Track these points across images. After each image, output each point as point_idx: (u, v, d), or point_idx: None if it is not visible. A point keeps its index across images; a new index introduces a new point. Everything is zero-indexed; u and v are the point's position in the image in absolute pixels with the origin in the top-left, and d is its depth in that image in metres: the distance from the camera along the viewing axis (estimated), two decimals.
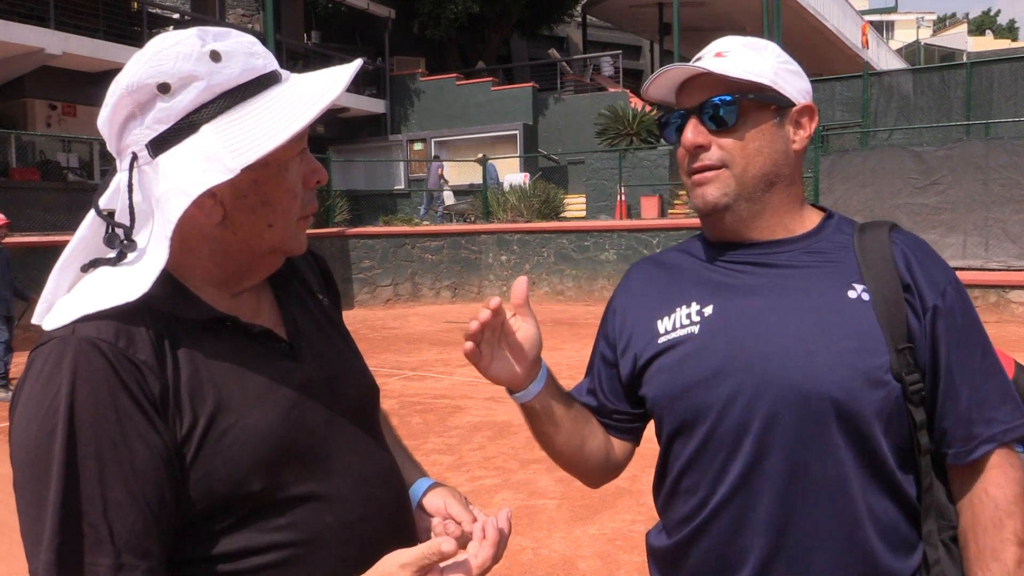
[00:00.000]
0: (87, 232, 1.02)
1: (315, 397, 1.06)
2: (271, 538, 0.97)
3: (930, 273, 1.20)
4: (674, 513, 1.26)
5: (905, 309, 1.16)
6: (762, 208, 1.23)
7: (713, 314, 1.22)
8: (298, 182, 1.03)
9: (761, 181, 1.22)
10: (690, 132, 1.22)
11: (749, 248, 1.25)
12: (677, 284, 1.30)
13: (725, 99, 1.20)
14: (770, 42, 1.27)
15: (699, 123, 1.22)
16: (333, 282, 1.29)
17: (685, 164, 1.26)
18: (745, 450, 1.16)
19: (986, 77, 17.12)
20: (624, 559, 4.05)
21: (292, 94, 0.98)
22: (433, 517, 1.18)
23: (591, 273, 15.60)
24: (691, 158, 1.24)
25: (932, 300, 1.17)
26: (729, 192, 1.22)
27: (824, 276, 1.20)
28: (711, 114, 1.21)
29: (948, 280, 1.20)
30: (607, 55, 26.27)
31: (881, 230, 1.23)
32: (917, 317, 1.16)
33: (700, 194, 1.24)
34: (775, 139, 1.22)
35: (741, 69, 1.20)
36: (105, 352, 0.91)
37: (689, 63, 1.24)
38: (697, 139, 1.22)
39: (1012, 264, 12.42)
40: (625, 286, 1.39)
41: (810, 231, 1.26)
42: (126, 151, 0.98)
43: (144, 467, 0.90)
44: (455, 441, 6.34)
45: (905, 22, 57.17)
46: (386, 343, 11.51)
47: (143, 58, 0.96)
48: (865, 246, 1.21)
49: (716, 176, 1.22)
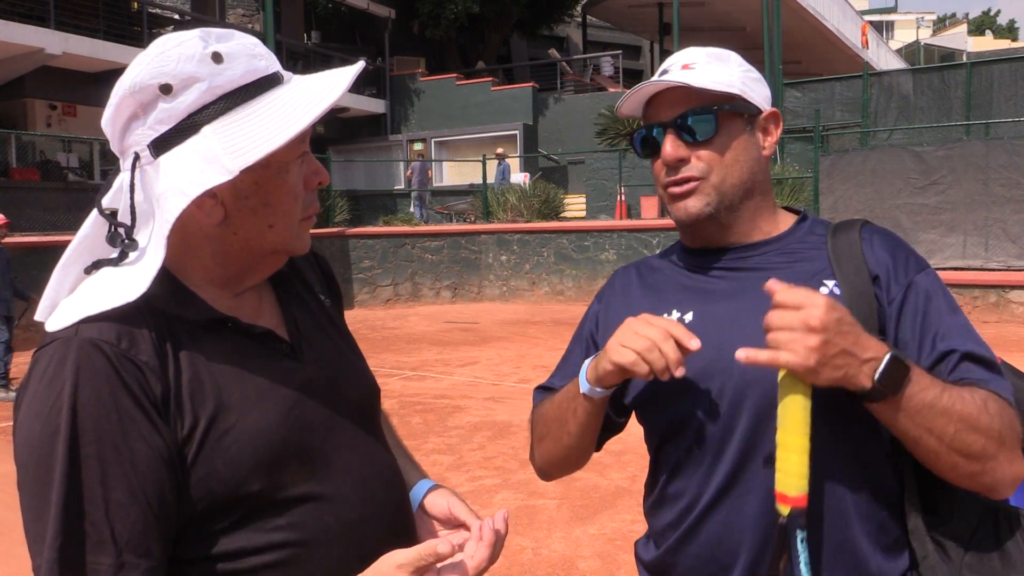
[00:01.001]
0: (90, 231, 1.03)
1: (316, 397, 1.06)
2: (271, 538, 0.98)
3: (898, 263, 1.21)
4: (663, 518, 1.28)
5: (874, 302, 1.18)
6: (741, 214, 1.27)
7: (693, 320, 1.24)
8: (299, 183, 1.04)
9: (740, 189, 1.25)
10: (669, 146, 1.24)
11: (726, 253, 1.29)
12: (658, 292, 1.33)
13: (703, 111, 1.22)
14: (730, 51, 1.30)
15: (676, 137, 1.24)
16: (335, 283, 1.29)
17: (662, 177, 1.28)
18: (732, 451, 1.18)
19: (986, 77, 17.12)
20: (624, 559, 4.05)
21: (293, 96, 0.98)
22: (435, 519, 1.18)
23: (591, 273, 15.60)
24: (669, 171, 1.26)
25: (899, 288, 1.19)
26: (711, 202, 1.24)
27: (797, 275, 1.22)
28: (688, 127, 1.23)
29: (918, 269, 1.22)
30: (607, 55, 26.28)
31: (853, 228, 1.26)
32: (884, 306, 1.18)
33: (683, 207, 1.26)
34: (749, 147, 1.26)
35: (712, 80, 1.22)
36: (107, 353, 0.91)
37: (659, 78, 1.26)
38: (678, 153, 1.24)
39: (1012, 264, 12.42)
40: (608, 293, 1.42)
41: (783, 232, 1.29)
42: (129, 151, 0.99)
43: (145, 467, 0.91)
44: (455, 441, 6.34)
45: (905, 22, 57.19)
46: (386, 343, 11.52)
47: (146, 59, 0.96)
48: (837, 244, 1.24)
49: (696, 187, 1.24)
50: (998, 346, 10.11)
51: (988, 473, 1.07)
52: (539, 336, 11.93)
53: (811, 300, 1.03)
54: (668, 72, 1.26)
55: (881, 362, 1.03)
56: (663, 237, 14.89)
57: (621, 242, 15.52)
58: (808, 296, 1.04)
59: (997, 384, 1.12)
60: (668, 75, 1.25)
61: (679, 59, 1.28)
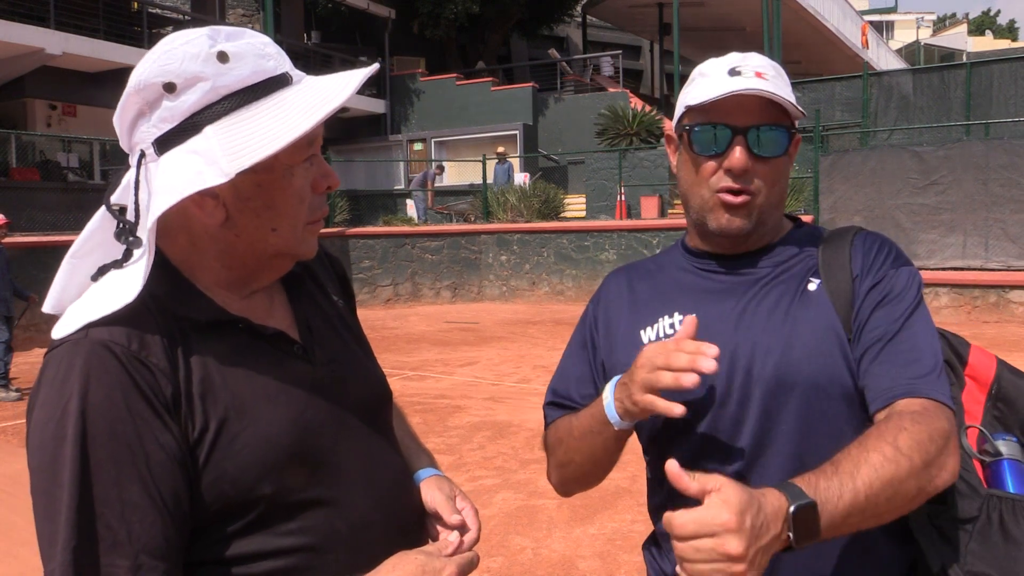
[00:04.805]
0: (98, 225, 1.03)
1: (327, 400, 1.05)
2: (281, 542, 0.97)
3: (878, 259, 1.23)
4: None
5: (851, 297, 1.20)
6: (764, 228, 1.28)
7: (698, 320, 1.24)
8: (306, 186, 1.02)
9: (775, 209, 1.27)
10: (740, 154, 1.19)
11: (726, 256, 1.30)
12: (658, 294, 1.33)
13: (780, 128, 1.21)
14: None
15: (748, 146, 1.19)
16: (349, 284, 1.29)
17: (713, 180, 1.23)
18: (743, 445, 1.19)
19: (986, 77, 17.12)
20: (624, 559, 4.05)
21: (298, 98, 0.97)
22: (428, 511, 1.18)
23: (591, 273, 15.60)
24: (730, 177, 1.21)
25: (872, 279, 1.21)
26: (753, 220, 1.24)
27: (791, 276, 1.25)
28: (762, 141, 1.20)
29: (897, 264, 1.23)
30: (607, 55, 26.27)
31: (847, 234, 1.28)
32: (858, 298, 1.20)
33: (728, 219, 1.23)
34: (788, 168, 1.27)
35: (789, 97, 1.20)
36: (118, 355, 0.91)
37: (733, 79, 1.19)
38: (746, 163, 1.19)
39: (1012, 264, 12.42)
40: (603, 297, 1.42)
41: (782, 238, 1.32)
42: (135, 148, 0.99)
43: (159, 469, 0.90)
44: (455, 441, 6.34)
45: (905, 22, 57.16)
46: (386, 343, 11.51)
47: (152, 56, 0.96)
48: (827, 248, 1.26)
49: (746, 204, 1.22)
50: (998, 346, 10.16)
51: (933, 487, 1.05)
52: (539, 336, 11.93)
53: (718, 520, 0.89)
54: (741, 74, 1.19)
55: (788, 522, 0.93)
56: (663, 237, 14.88)
57: (621, 242, 15.52)
58: (711, 514, 0.89)
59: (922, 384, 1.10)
60: (742, 79, 1.19)
61: (749, 63, 1.21)
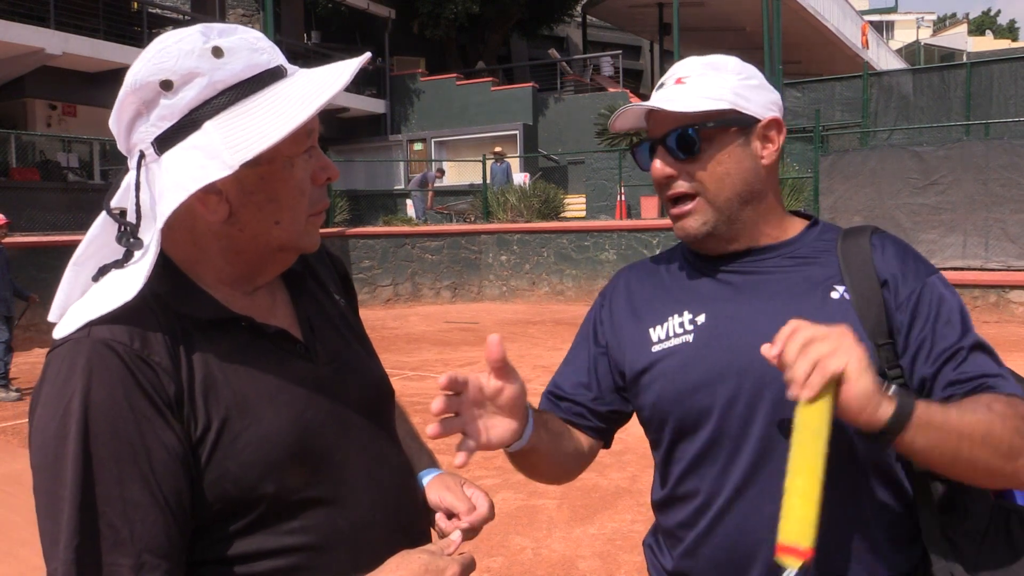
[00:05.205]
0: (99, 230, 1.02)
1: (329, 398, 1.05)
2: (284, 541, 0.97)
3: (908, 268, 1.22)
4: (675, 516, 1.28)
5: (882, 305, 1.18)
6: (742, 225, 1.27)
7: (706, 322, 1.25)
8: (306, 179, 1.02)
9: (736, 202, 1.25)
10: (658, 163, 1.26)
11: (735, 256, 1.29)
12: (666, 293, 1.33)
13: (685, 131, 1.23)
14: (731, 58, 1.29)
15: (666, 153, 1.26)
16: (351, 284, 1.29)
17: (661, 189, 1.30)
18: (748, 450, 1.19)
19: (986, 77, 17.13)
20: (624, 559, 4.06)
21: (294, 90, 0.97)
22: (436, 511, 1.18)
23: (591, 273, 15.60)
24: (664, 186, 1.28)
25: (908, 291, 1.19)
26: (708, 220, 1.25)
27: (807, 279, 1.23)
28: (674, 145, 1.24)
29: (928, 273, 1.22)
30: (607, 55, 26.27)
31: (863, 234, 1.27)
32: (894, 312, 1.19)
33: (681, 227, 1.28)
34: (742, 159, 1.25)
35: (697, 97, 1.22)
36: (120, 353, 0.91)
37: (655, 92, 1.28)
38: (666, 170, 1.26)
39: (1012, 264, 12.42)
40: (611, 294, 1.42)
41: (793, 237, 1.29)
42: (134, 149, 0.98)
43: (162, 468, 0.90)
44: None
45: (905, 22, 57.15)
46: (386, 343, 11.50)
47: (147, 56, 0.96)
48: (847, 249, 1.24)
49: (693, 208, 1.25)
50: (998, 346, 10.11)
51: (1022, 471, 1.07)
52: (539, 336, 11.93)
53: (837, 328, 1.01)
54: (663, 86, 1.28)
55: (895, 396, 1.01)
56: (663, 237, 14.89)
57: (621, 242, 15.51)
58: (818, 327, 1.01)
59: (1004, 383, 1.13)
60: (662, 90, 1.27)
61: (674, 72, 1.29)
